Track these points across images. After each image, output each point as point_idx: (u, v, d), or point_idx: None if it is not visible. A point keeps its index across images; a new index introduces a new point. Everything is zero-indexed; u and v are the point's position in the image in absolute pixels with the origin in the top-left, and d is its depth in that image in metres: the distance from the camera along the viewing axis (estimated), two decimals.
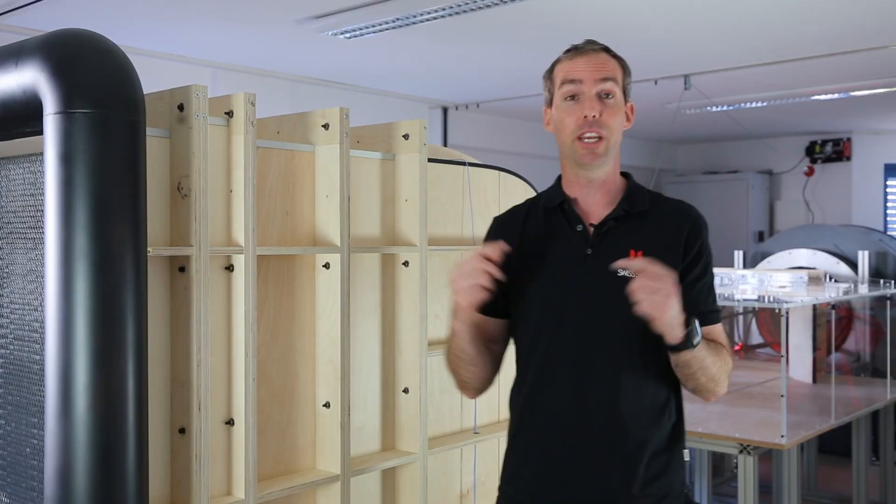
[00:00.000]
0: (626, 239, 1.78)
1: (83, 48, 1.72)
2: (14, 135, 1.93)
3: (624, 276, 1.73)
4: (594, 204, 1.83)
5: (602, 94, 1.77)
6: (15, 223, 2.03)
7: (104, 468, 1.66)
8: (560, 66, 1.83)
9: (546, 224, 1.86)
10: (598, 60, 1.80)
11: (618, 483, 1.74)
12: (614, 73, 1.80)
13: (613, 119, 1.78)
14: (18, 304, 2.01)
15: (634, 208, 1.81)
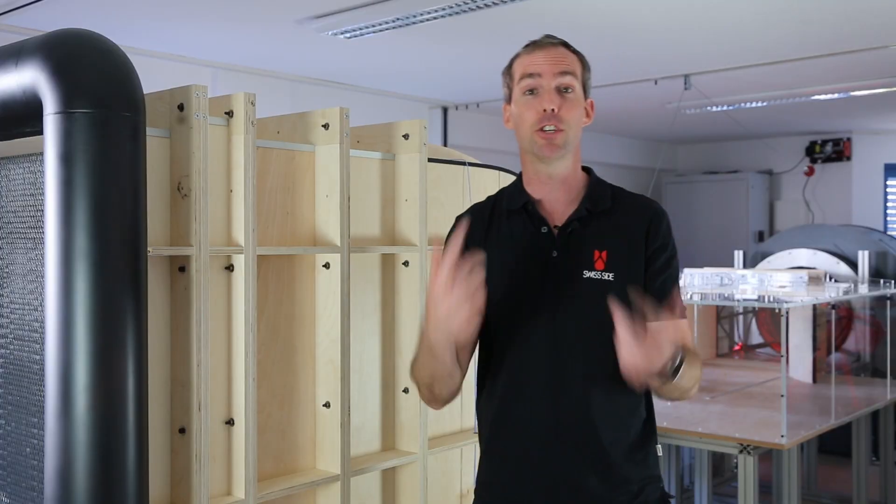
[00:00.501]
0: (591, 239, 1.77)
1: (83, 48, 1.72)
2: (14, 135, 1.94)
3: (590, 277, 1.74)
4: (557, 203, 1.81)
5: (561, 88, 1.76)
6: (15, 223, 2.03)
7: (104, 468, 1.66)
8: (518, 61, 1.82)
9: (510, 226, 1.83)
10: (557, 54, 1.78)
11: (595, 484, 1.74)
12: (573, 67, 1.78)
13: (572, 113, 1.76)
14: (18, 304, 2.01)
15: (597, 206, 1.80)
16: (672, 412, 4.12)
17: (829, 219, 8.41)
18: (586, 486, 1.74)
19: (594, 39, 4.79)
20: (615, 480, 1.76)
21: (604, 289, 1.73)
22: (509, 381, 1.78)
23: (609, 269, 1.75)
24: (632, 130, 8.39)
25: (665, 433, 3.93)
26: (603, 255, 1.75)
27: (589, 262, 1.75)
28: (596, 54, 1.87)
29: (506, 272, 1.80)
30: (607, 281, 1.74)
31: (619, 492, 1.76)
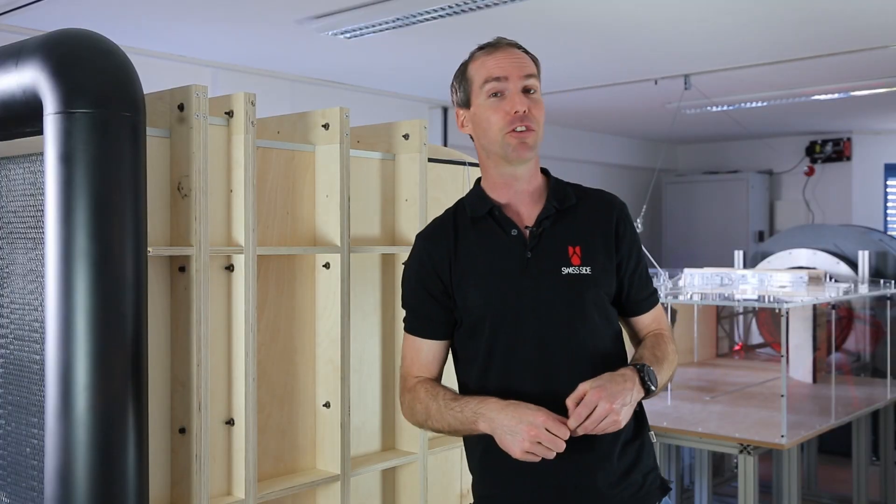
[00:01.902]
0: (562, 236, 1.78)
1: (83, 48, 1.72)
2: (14, 135, 1.94)
3: (569, 273, 1.75)
4: (523, 205, 1.81)
5: (528, 90, 1.76)
6: (15, 223, 2.03)
7: (104, 468, 1.66)
8: (477, 65, 1.79)
9: (478, 233, 1.80)
10: (518, 56, 1.78)
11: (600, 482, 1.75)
12: (533, 69, 1.79)
13: (540, 112, 1.77)
14: (18, 304, 2.01)
15: (563, 204, 1.81)
16: (672, 412, 4.12)
17: (829, 219, 8.41)
18: (592, 486, 1.74)
19: (594, 39, 4.79)
20: (617, 476, 1.76)
21: (584, 282, 1.76)
22: (500, 390, 1.73)
23: (585, 262, 1.77)
24: (632, 130, 8.39)
25: (665, 433, 3.93)
26: (577, 250, 1.77)
27: (565, 259, 1.76)
28: (596, 54, 1.88)
29: (482, 280, 1.78)
30: (586, 275, 1.76)
31: (623, 486, 1.76)
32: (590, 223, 1.81)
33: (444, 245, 1.82)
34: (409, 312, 1.88)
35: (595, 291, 1.77)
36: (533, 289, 1.75)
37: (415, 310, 1.86)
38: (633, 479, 1.78)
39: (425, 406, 1.78)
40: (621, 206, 1.85)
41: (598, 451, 1.74)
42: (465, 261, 1.80)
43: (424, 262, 1.83)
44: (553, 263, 1.76)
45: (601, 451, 1.74)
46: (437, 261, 1.81)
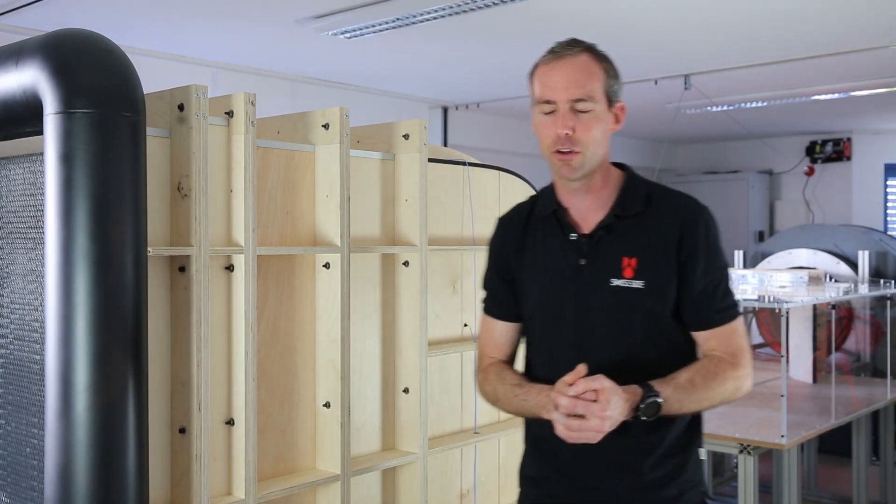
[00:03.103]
0: (619, 245, 1.74)
1: (83, 48, 1.72)
2: (14, 135, 1.93)
3: (618, 286, 1.72)
4: (586, 210, 1.79)
5: (578, 110, 1.71)
6: (15, 223, 2.03)
7: (104, 468, 1.66)
8: (537, 75, 1.78)
9: (543, 231, 1.82)
10: (574, 71, 1.72)
11: (624, 487, 1.74)
12: (590, 86, 1.71)
13: (588, 133, 1.70)
14: (18, 304, 2.01)
15: (627, 211, 1.76)
16: None
17: (829, 219, 8.41)
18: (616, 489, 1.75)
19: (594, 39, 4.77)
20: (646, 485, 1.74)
21: (633, 297, 1.71)
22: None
23: (639, 276, 1.71)
24: (632, 130, 8.39)
25: None
26: (633, 262, 1.71)
27: (617, 270, 1.72)
28: None
29: (538, 279, 1.81)
30: (637, 289, 1.71)
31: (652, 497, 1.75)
32: (653, 233, 1.73)
33: (515, 235, 1.87)
34: (486, 293, 1.93)
35: (645, 306, 1.71)
36: (578, 297, 1.75)
37: (490, 291, 1.92)
38: (667, 493, 1.75)
39: (493, 388, 1.85)
40: (690, 215, 1.74)
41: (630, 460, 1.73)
42: (529, 256, 1.84)
43: (498, 248, 1.91)
44: (604, 274, 1.73)
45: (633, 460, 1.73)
46: (508, 249, 1.87)
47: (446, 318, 2.80)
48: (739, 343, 1.74)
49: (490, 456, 2.95)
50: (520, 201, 1.96)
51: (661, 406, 1.64)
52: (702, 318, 1.74)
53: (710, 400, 1.72)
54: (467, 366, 2.87)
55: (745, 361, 1.73)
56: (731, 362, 1.72)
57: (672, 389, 1.66)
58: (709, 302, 1.73)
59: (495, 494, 2.98)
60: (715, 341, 1.74)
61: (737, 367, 1.72)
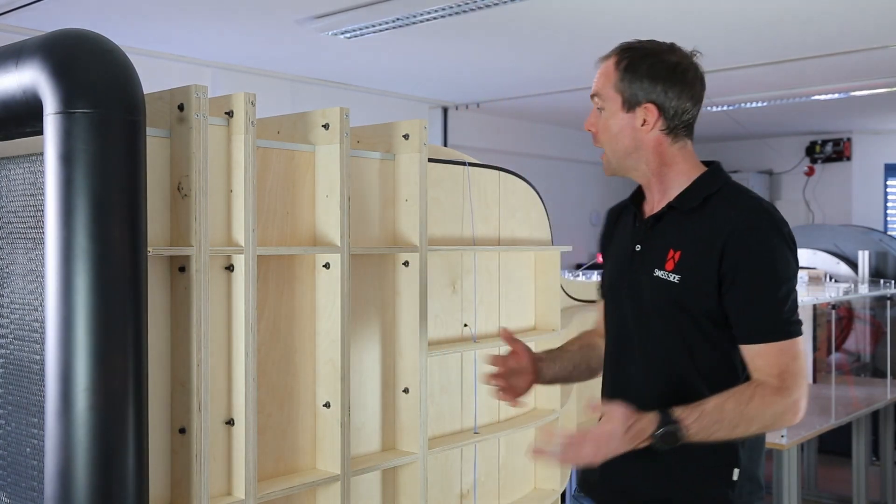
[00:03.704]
0: (668, 237, 1.75)
1: (83, 48, 1.72)
2: (14, 135, 1.93)
3: (658, 276, 1.73)
4: (655, 201, 1.83)
5: (598, 108, 1.81)
6: (15, 223, 2.03)
7: (104, 468, 1.66)
8: None
9: (625, 218, 1.94)
10: (599, 73, 1.81)
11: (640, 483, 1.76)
12: (601, 86, 1.79)
13: (605, 133, 1.80)
14: (18, 304, 2.01)
15: (683, 205, 1.76)
16: None
17: (829, 219, 8.41)
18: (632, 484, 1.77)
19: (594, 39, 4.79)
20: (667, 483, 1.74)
21: (667, 290, 1.71)
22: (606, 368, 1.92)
23: (678, 271, 1.70)
24: None
25: None
26: (676, 255, 1.71)
27: (661, 261, 1.74)
28: (596, 54, 1.88)
29: (611, 261, 1.93)
30: (671, 283, 1.71)
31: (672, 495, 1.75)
32: (702, 231, 1.70)
33: (610, 221, 2.00)
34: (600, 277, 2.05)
35: (679, 302, 1.70)
36: (630, 281, 1.81)
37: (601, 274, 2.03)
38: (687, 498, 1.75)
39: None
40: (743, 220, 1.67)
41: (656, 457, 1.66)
42: (614, 240, 1.95)
43: (601, 234, 2.05)
44: (650, 262, 1.76)
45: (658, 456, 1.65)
46: (604, 233, 2.00)
47: (446, 318, 2.80)
48: (788, 365, 1.63)
49: (490, 456, 2.95)
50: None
51: (679, 436, 1.58)
52: (746, 330, 1.67)
53: (744, 428, 1.62)
54: (467, 366, 2.87)
55: (791, 385, 1.61)
56: (775, 386, 1.62)
57: (696, 417, 1.59)
58: (755, 314, 1.65)
59: (495, 494, 2.98)
60: (761, 360, 1.65)
61: (781, 391, 1.61)
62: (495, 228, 2.97)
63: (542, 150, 7.98)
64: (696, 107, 1.86)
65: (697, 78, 1.86)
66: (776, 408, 1.61)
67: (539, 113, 7.43)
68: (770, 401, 1.61)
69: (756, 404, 1.61)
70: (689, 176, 1.80)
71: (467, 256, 2.87)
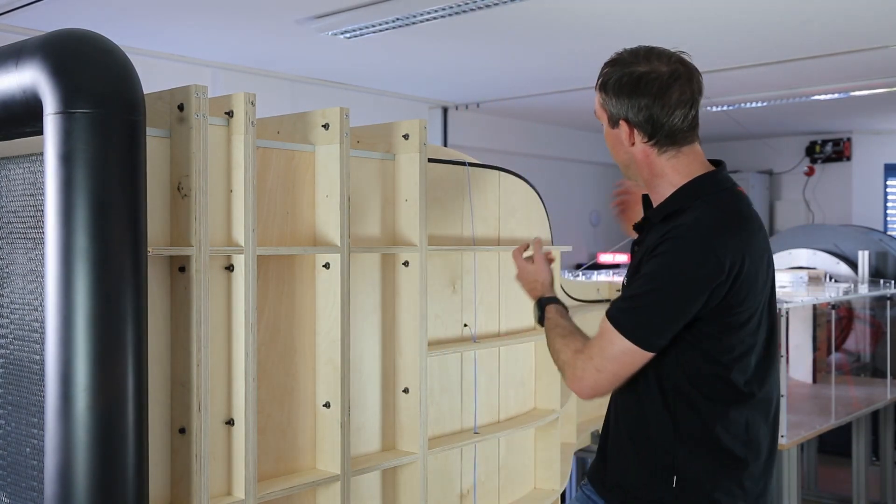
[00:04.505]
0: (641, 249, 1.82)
1: (83, 48, 1.72)
2: (14, 135, 1.93)
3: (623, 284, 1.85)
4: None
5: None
6: (15, 223, 2.03)
7: (104, 468, 1.66)
8: None
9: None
10: None
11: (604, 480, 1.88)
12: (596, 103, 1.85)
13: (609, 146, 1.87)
14: (18, 304, 2.01)
15: (655, 217, 1.82)
16: None
17: (829, 219, 8.41)
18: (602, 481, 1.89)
19: (594, 39, 4.79)
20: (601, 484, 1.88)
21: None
22: None
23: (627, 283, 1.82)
24: None
25: None
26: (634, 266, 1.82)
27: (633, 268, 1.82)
28: (596, 54, 1.89)
29: None
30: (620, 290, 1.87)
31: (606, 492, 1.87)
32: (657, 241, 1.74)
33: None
34: None
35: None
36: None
37: None
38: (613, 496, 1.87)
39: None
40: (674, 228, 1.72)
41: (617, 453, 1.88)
42: None
43: None
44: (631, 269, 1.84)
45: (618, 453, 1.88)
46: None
47: (446, 318, 2.80)
48: (595, 341, 1.76)
49: (490, 456, 2.95)
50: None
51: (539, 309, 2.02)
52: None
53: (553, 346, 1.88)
54: (467, 366, 2.87)
55: (587, 351, 1.75)
56: (580, 347, 1.78)
57: (554, 312, 1.95)
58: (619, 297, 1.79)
59: (495, 494, 2.98)
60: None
61: (579, 352, 1.77)
62: (495, 228, 2.97)
63: (542, 150, 7.98)
64: (680, 112, 1.81)
65: (672, 84, 1.80)
66: (566, 356, 1.81)
67: (539, 113, 7.42)
68: (574, 347, 1.80)
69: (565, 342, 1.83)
70: (674, 186, 1.81)
71: (467, 256, 2.87)
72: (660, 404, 1.74)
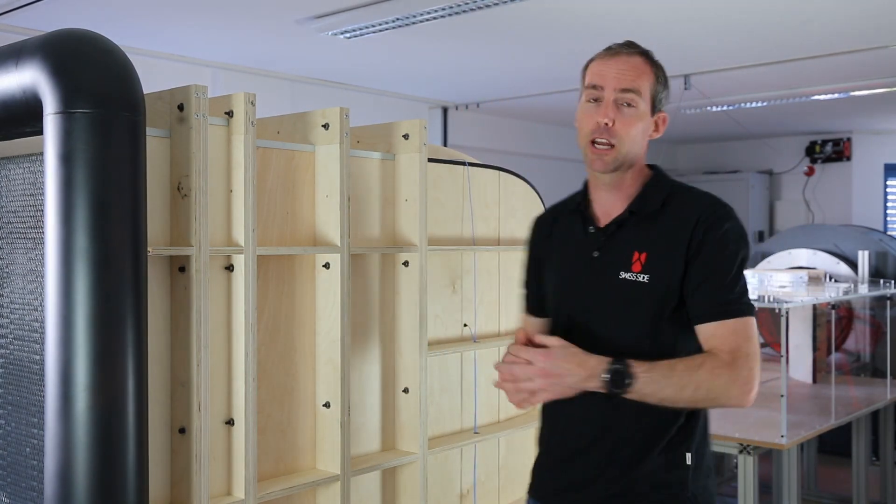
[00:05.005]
0: (632, 240, 1.77)
1: (83, 48, 1.72)
2: (14, 135, 1.93)
3: (625, 279, 1.75)
4: (610, 206, 1.83)
5: (622, 103, 1.74)
6: (15, 223, 2.03)
7: (104, 468, 1.66)
8: (591, 66, 1.83)
9: (569, 225, 1.89)
10: (628, 67, 1.75)
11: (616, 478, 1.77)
12: (639, 83, 1.75)
13: (627, 129, 1.74)
14: (18, 304, 2.01)
15: (644, 208, 1.78)
16: None
17: (829, 219, 8.41)
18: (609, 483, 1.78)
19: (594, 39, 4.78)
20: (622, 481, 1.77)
21: (637, 291, 1.73)
22: None
23: (645, 271, 1.73)
24: None
25: None
26: (642, 257, 1.74)
27: (626, 264, 1.76)
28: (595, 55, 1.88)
29: (558, 270, 1.87)
30: (641, 283, 1.73)
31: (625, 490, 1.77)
32: (665, 230, 1.75)
33: (545, 230, 1.96)
34: (524, 292, 2.01)
35: (649, 301, 1.72)
36: (591, 288, 1.80)
37: (524, 287, 2.00)
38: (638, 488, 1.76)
39: None
40: (708, 212, 1.74)
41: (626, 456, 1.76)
42: (554, 248, 1.90)
43: (529, 244, 1.99)
44: (614, 267, 1.77)
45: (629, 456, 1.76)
46: (537, 243, 1.95)
47: (446, 318, 2.80)
48: (740, 344, 1.65)
49: (490, 456, 2.95)
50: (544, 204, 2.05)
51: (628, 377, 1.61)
52: (702, 309, 1.69)
53: (692, 392, 1.62)
54: (467, 366, 2.87)
55: (742, 363, 1.63)
56: (726, 360, 1.63)
57: (647, 367, 1.61)
58: (712, 293, 1.69)
59: (495, 494, 2.98)
60: (716, 340, 1.67)
61: (731, 366, 1.62)
62: (495, 228, 2.97)
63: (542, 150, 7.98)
64: None
65: None
66: (723, 380, 1.62)
67: (539, 113, 7.42)
68: (719, 372, 1.62)
69: (705, 371, 1.62)
70: (638, 178, 1.83)
71: (467, 256, 2.87)
72: None
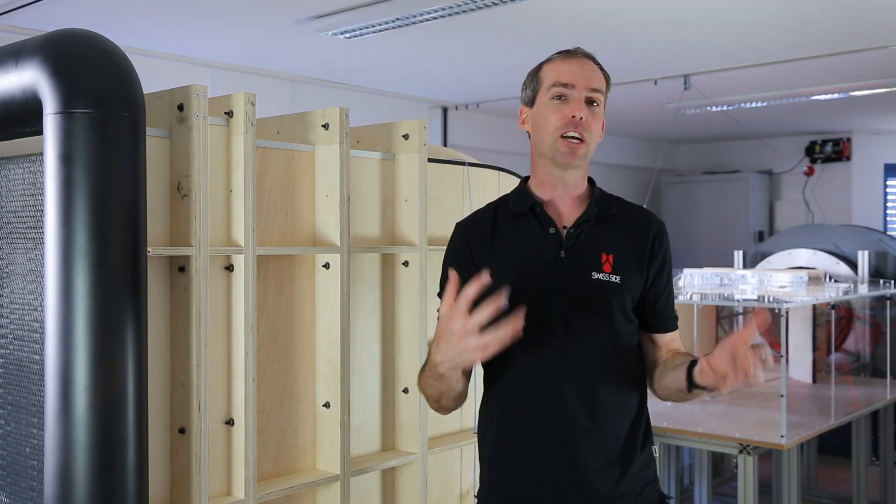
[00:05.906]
0: (598, 242, 1.81)
1: (83, 48, 1.72)
2: (14, 135, 1.94)
3: (598, 279, 1.78)
4: (565, 207, 1.85)
5: (590, 101, 1.81)
6: (15, 223, 2.03)
7: (104, 468, 1.66)
8: (551, 67, 1.86)
9: (517, 228, 1.85)
10: (592, 69, 1.84)
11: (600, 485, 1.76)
12: (601, 84, 1.84)
13: (595, 125, 1.82)
14: (18, 304, 2.01)
15: (604, 212, 1.85)
16: (672, 412, 4.12)
17: (829, 219, 8.41)
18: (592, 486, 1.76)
19: (594, 39, 4.79)
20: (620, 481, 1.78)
21: (611, 290, 1.79)
22: (517, 382, 1.80)
23: (615, 272, 1.79)
24: (631, 130, 8.39)
25: (665, 433, 3.93)
26: (610, 258, 1.80)
27: (597, 264, 1.79)
28: (596, 54, 1.88)
29: (514, 274, 1.80)
30: (615, 283, 1.79)
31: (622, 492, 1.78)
32: (626, 235, 1.84)
33: (482, 233, 1.89)
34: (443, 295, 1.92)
35: (622, 299, 1.80)
36: (562, 288, 1.79)
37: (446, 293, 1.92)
38: (632, 487, 1.79)
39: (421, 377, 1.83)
40: (659, 226, 1.89)
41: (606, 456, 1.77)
42: (501, 252, 1.84)
43: (461, 248, 1.90)
44: (584, 266, 1.79)
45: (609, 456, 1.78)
46: (474, 246, 1.88)
47: None
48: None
49: None
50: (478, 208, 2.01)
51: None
52: (665, 321, 1.88)
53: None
54: None
55: None
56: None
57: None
58: (669, 308, 1.89)
59: None
60: (676, 343, 1.91)
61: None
62: None
63: None
64: None
65: None
66: None
67: None
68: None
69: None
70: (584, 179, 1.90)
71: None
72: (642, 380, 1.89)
